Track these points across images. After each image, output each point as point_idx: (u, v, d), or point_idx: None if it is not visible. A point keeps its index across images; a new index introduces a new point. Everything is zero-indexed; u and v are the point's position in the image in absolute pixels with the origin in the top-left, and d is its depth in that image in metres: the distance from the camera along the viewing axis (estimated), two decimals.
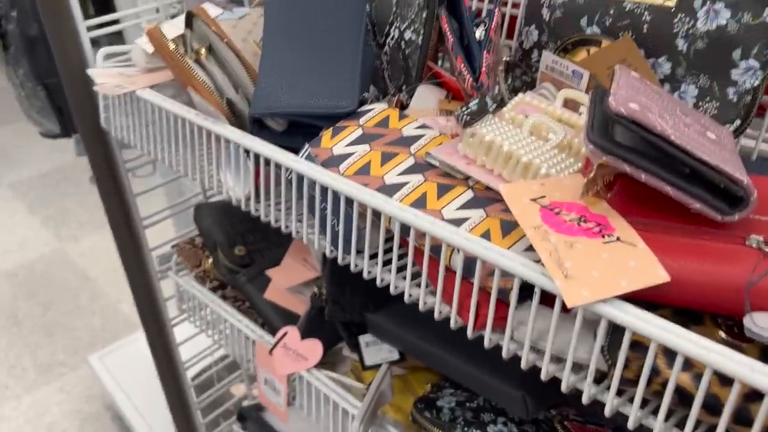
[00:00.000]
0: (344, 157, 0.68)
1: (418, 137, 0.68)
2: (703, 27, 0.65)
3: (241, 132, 0.74)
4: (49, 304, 2.45)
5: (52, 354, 2.22)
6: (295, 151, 0.75)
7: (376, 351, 0.94)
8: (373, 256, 0.66)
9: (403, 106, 0.81)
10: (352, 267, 0.67)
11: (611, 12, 0.71)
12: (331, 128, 0.72)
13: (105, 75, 0.89)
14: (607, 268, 0.47)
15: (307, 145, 0.70)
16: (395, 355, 0.92)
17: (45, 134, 1.69)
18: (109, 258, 2.69)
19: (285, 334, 0.94)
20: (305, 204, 0.69)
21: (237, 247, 1.07)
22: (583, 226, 0.51)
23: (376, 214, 0.62)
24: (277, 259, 1.06)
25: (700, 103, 0.67)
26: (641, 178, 0.49)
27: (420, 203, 0.61)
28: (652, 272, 0.47)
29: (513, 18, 0.89)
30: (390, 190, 0.63)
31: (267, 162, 0.71)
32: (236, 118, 0.80)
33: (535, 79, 0.79)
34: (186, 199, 1.18)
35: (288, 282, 1.01)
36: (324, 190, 0.66)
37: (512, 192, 0.55)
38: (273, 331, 1.03)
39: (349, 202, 0.64)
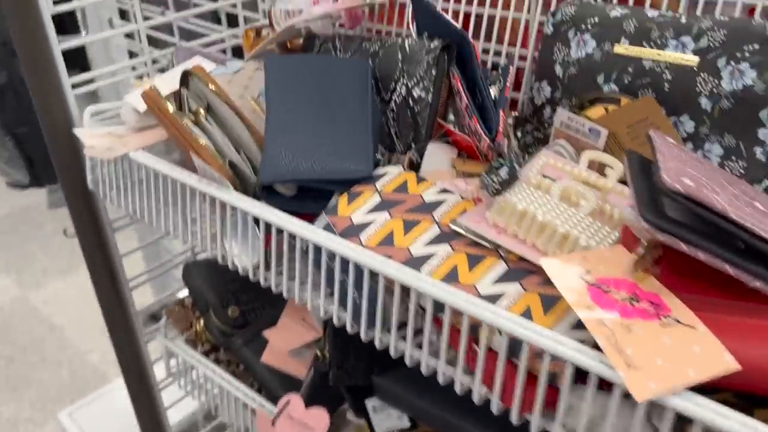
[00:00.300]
0: (364, 226, 0.64)
1: (439, 203, 0.66)
2: (728, 87, 0.64)
3: (250, 199, 0.70)
4: (12, 356, 2.33)
5: (17, 410, 2.11)
6: (306, 216, 0.72)
7: (385, 417, 0.89)
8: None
9: (413, 165, 0.79)
10: (377, 343, 0.63)
11: (630, 70, 0.69)
12: (346, 194, 0.68)
13: (93, 136, 0.84)
14: (670, 354, 0.45)
15: (323, 214, 0.67)
16: (405, 423, 0.88)
17: (13, 185, 1.61)
18: (75, 305, 2.58)
19: (288, 403, 0.89)
20: (323, 276, 0.65)
21: (230, 308, 1.02)
22: (636, 307, 0.49)
23: (405, 290, 0.58)
24: (273, 319, 1.01)
25: (726, 162, 0.66)
26: (699, 256, 0.47)
27: (451, 277, 0.58)
28: (719, 359, 0.44)
29: (518, 70, 0.88)
30: (417, 262, 0.59)
31: (279, 231, 0.68)
32: (240, 182, 0.76)
33: (547, 135, 0.78)
34: (172, 258, 1.13)
35: (287, 344, 0.97)
36: (345, 262, 0.62)
37: (555, 267, 0.52)
38: (271, 397, 0.98)
39: (374, 275, 0.60)
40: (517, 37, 0.85)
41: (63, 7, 0.85)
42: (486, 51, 0.89)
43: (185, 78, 0.82)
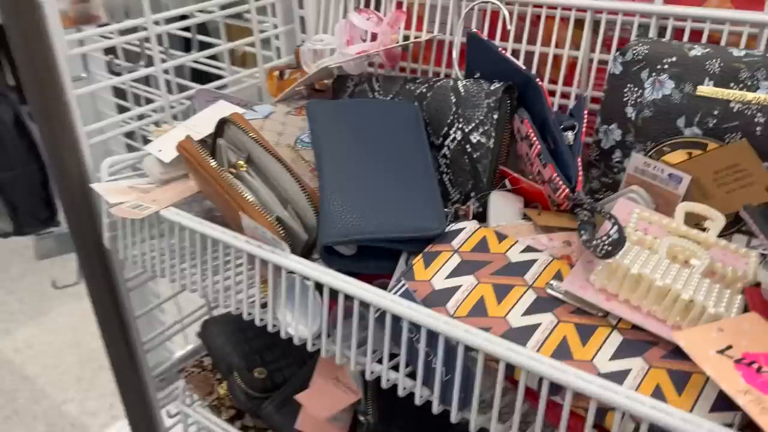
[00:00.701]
0: (449, 292, 0.58)
1: (529, 263, 0.59)
2: None
3: (311, 263, 0.63)
4: None
5: None
6: (366, 278, 0.65)
7: None
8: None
9: (474, 216, 0.73)
10: (472, 428, 0.56)
11: (715, 113, 0.65)
12: (421, 256, 0.62)
13: (115, 191, 0.75)
14: None
15: (401, 279, 0.60)
16: None
17: None
18: (48, 352, 2.43)
19: None
20: (403, 350, 0.58)
21: (256, 370, 0.94)
22: None
23: (509, 368, 0.52)
24: (304, 380, 0.93)
25: None
26: None
27: (563, 352, 0.51)
28: None
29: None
30: (519, 335, 0.53)
31: (348, 297, 0.60)
32: (289, 241, 0.68)
33: (617, 180, 0.72)
34: (188, 315, 1.04)
35: (324, 410, 0.88)
36: (433, 336, 0.55)
37: (692, 342, 0.47)
38: None
39: (469, 350, 0.54)
40: (573, 78, 0.80)
41: (81, 49, 0.77)
42: None
43: (221, 127, 0.74)
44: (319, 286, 0.62)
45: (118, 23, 0.87)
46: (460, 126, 0.74)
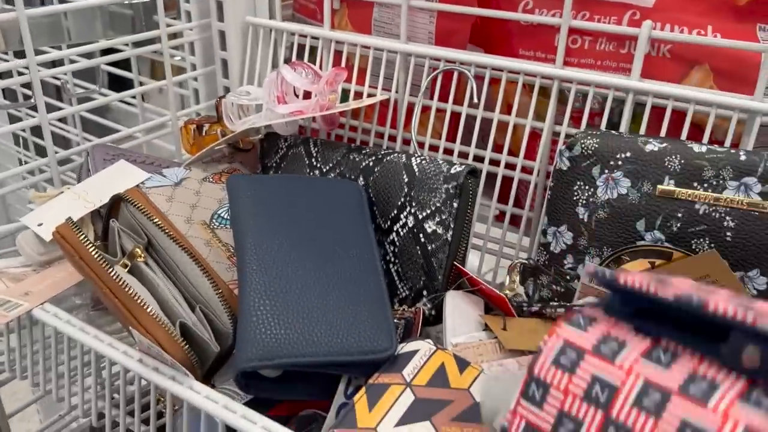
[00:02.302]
0: None
1: None
2: None
3: (222, 398, 0.49)
4: None
5: None
6: (295, 403, 0.52)
7: None
8: None
9: (425, 319, 0.61)
10: None
11: (679, 215, 0.56)
12: (365, 391, 0.49)
13: None
14: None
15: (337, 429, 0.47)
16: None
17: None
18: None
19: None
20: None
21: None
22: None
23: None
24: None
25: None
26: None
27: None
28: None
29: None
30: None
31: None
32: (192, 349, 0.54)
33: (570, 289, 0.62)
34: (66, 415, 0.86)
35: None
36: None
37: None
38: None
39: None
40: (535, 151, 0.70)
41: None
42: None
43: (115, 205, 0.60)
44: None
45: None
46: (413, 211, 0.63)
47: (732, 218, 0.55)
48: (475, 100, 0.70)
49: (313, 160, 0.72)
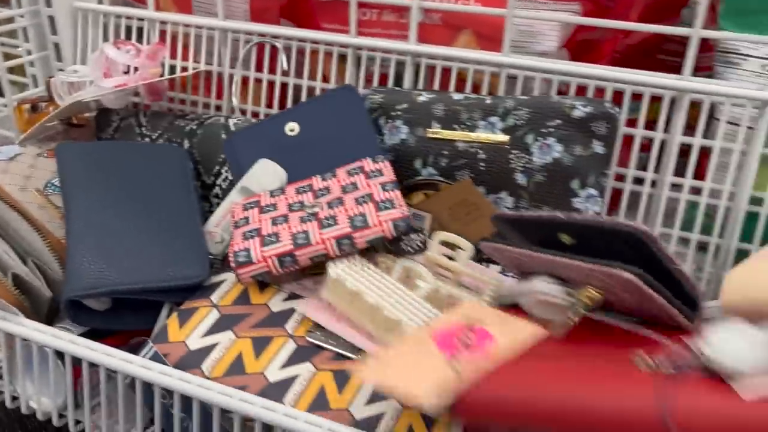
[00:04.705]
0: (205, 351, 0.54)
1: (291, 312, 0.58)
2: (539, 161, 0.66)
3: (49, 328, 0.56)
4: None
5: None
6: (125, 334, 0.60)
7: None
8: None
9: None
10: None
11: (445, 153, 0.69)
12: (176, 314, 0.58)
13: None
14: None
15: (149, 343, 0.55)
16: None
17: None
18: None
19: None
20: (157, 417, 0.54)
21: None
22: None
23: (268, 427, 0.50)
24: None
25: None
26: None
27: (321, 403, 0.50)
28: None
29: None
30: (277, 390, 0.51)
31: (92, 365, 0.55)
32: (28, 299, 0.61)
33: None
34: None
35: None
36: (186, 400, 0.52)
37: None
38: None
39: (226, 413, 0.51)
40: None
41: None
42: None
43: None
44: (60, 354, 0.56)
45: None
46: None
47: (483, 151, 0.68)
48: (284, 67, 0.80)
49: (143, 129, 0.79)
